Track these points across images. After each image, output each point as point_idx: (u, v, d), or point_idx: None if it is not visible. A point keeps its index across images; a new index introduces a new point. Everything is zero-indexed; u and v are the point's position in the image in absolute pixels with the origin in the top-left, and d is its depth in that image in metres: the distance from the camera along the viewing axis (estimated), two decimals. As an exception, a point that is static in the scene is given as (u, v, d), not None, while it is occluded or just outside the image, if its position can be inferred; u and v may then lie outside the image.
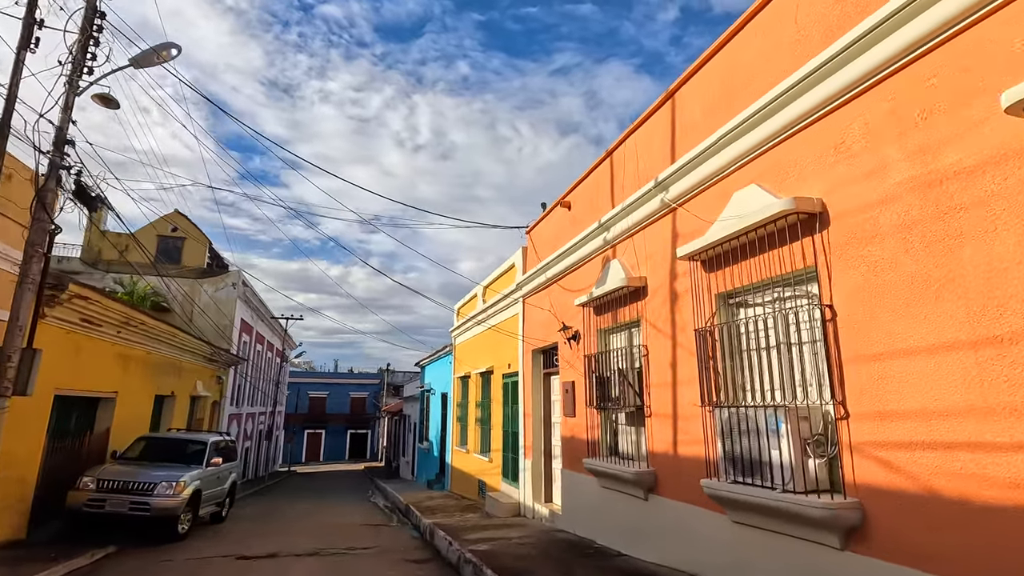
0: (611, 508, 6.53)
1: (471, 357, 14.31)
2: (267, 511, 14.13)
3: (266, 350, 30.60)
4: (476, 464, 12.99)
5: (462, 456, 14.44)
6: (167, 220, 23.13)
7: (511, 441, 10.73)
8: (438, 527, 8.85)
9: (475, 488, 12.89)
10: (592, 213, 7.59)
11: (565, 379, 8.15)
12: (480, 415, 13.14)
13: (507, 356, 11.12)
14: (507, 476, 10.81)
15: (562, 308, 8.43)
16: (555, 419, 9.24)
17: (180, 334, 14.13)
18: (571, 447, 7.84)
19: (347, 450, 51.05)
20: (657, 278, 5.95)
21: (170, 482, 9.21)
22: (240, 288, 22.71)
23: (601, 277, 7.06)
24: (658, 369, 5.82)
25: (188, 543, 9.12)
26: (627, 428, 6.59)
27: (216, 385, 20.06)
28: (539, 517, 8.93)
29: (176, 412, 15.75)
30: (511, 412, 10.86)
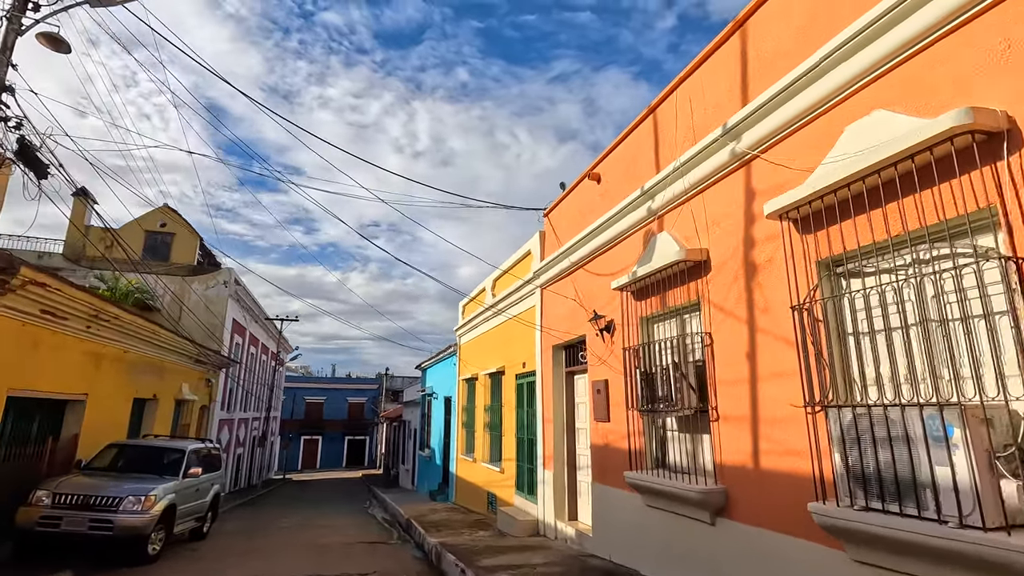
0: (662, 532, 5.36)
1: (478, 357, 13.14)
2: (254, 525, 12.90)
3: (260, 353, 29.38)
4: (484, 474, 11.80)
5: (468, 465, 13.24)
6: (155, 215, 21.99)
7: (526, 449, 9.56)
8: (446, 548, 7.67)
9: (483, 501, 11.69)
10: (630, 182, 6.47)
11: (595, 378, 7.00)
12: (489, 420, 11.96)
13: (521, 354, 9.97)
14: (522, 489, 9.62)
15: (590, 295, 7.30)
16: (580, 424, 8.08)
17: (161, 331, 12.96)
18: (604, 457, 6.68)
19: (344, 457, 49.68)
20: (725, 248, 4.81)
21: (138, 496, 8.02)
22: (232, 287, 21.54)
23: (644, 254, 5.92)
24: (728, 362, 4.67)
25: (158, 567, 7.92)
26: (681, 435, 5.43)
27: (205, 388, 18.85)
28: (563, 537, 7.74)
29: (159, 417, 14.54)
30: (526, 417, 9.70)
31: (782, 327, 4.07)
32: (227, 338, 21.55)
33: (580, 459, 7.99)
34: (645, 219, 6.06)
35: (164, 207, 22.23)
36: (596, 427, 6.93)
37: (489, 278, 12.59)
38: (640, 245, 6.18)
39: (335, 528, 12.03)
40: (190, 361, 16.42)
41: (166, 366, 14.66)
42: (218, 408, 20.96)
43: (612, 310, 6.67)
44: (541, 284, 9.07)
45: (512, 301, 10.52)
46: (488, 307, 12.14)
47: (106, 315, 10.31)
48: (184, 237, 22.32)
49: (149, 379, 13.59)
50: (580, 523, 7.73)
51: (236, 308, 22.58)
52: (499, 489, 10.75)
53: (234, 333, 22.85)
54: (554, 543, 7.68)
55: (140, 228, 21.18)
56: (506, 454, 10.55)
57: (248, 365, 26.72)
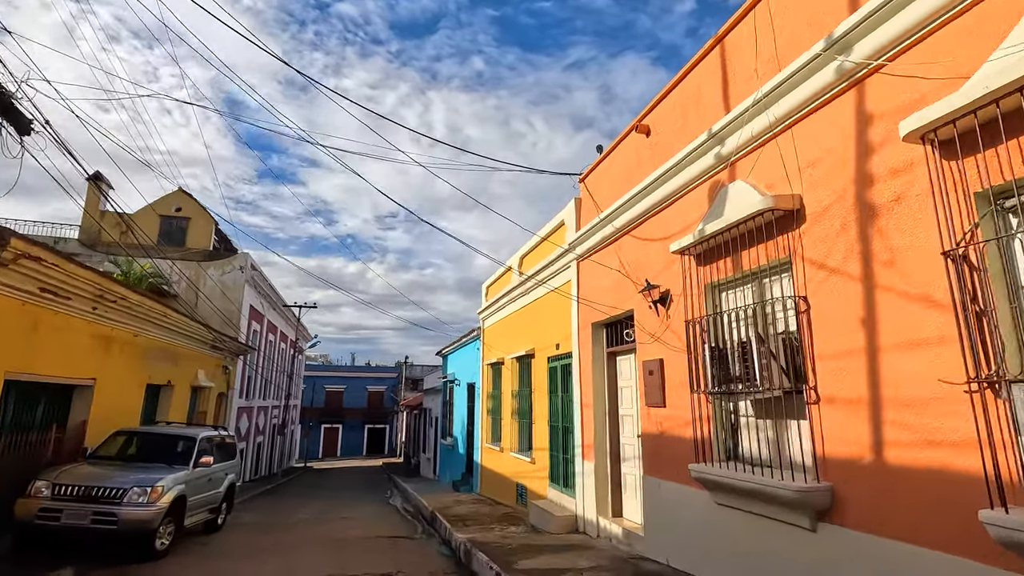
0: (737, 536, 4.52)
1: (504, 340, 12.36)
2: (272, 516, 12.36)
3: (279, 340, 29.03)
4: (513, 465, 11.06)
5: (494, 455, 12.51)
6: (170, 199, 21.55)
7: (561, 438, 8.76)
8: (477, 546, 6.93)
9: (512, 493, 10.95)
10: (689, 129, 5.56)
11: (646, 357, 6.14)
12: (517, 407, 11.19)
13: (554, 334, 9.14)
14: (556, 481, 8.84)
15: (639, 264, 6.43)
16: (624, 410, 7.24)
17: (173, 314, 12.39)
18: (659, 448, 5.84)
19: (364, 445, 49.64)
20: (825, 192, 3.90)
21: (144, 487, 7.41)
22: (248, 272, 21.04)
23: (712, 210, 5.02)
24: (833, 331, 3.78)
25: (167, 564, 7.32)
26: (760, 422, 4.57)
27: (222, 376, 18.40)
28: (607, 536, 6.95)
29: (174, 404, 14.07)
30: (561, 403, 8.89)
31: (917, 282, 3.17)
32: (244, 325, 21.11)
33: (625, 449, 7.16)
34: (712, 169, 5.15)
35: (179, 190, 21.80)
36: (648, 413, 6.09)
37: (515, 255, 11.76)
38: (705, 200, 5.28)
39: (356, 520, 11.42)
40: (206, 347, 15.93)
41: (180, 352, 14.16)
42: (236, 396, 20.57)
43: (668, 279, 5.79)
44: (577, 256, 8.21)
45: (543, 278, 9.68)
46: (515, 286, 11.32)
47: (111, 295, 9.73)
48: (199, 222, 21.87)
49: (163, 365, 13.08)
50: (626, 520, 6.92)
51: (253, 294, 22.11)
52: (530, 481, 9.99)
53: (251, 320, 22.42)
54: (597, 542, 6.88)
55: (155, 213, 20.75)
56: (537, 443, 9.77)
57: (266, 353, 26.37)
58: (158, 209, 20.99)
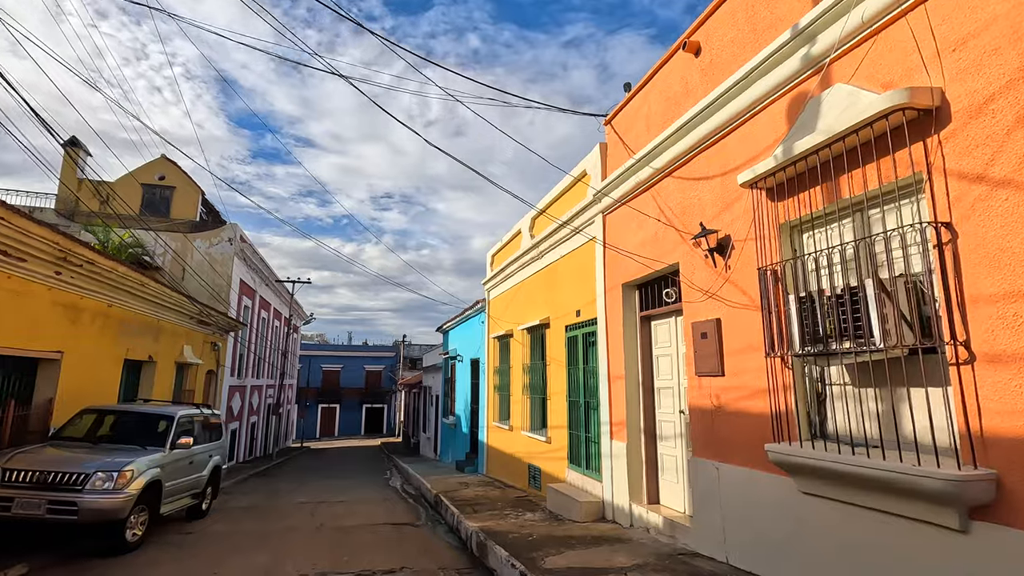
0: (840, 535, 3.60)
1: (513, 311, 11.38)
2: (264, 501, 11.50)
3: (272, 318, 28.00)
4: (525, 444, 10.17)
5: (503, 434, 11.63)
6: (153, 167, 20.27)
7: (582, 415, 7.84)
8: (492, 538, 6.03)
9: (523, 475, 10.09)
10: (759, 36, 4.50)
11: (698, 318, 5.17)
12: (529, 382, 10.26)
13: (574, 300, 8.16)
14: (577, 463, 7.94)
15: (687, 208, 5.42)
16: (662, 383, 6.30)
17: (151, 283, 11.34)
18: (715, 424, 4.90)
19: (363, 425, 49.05)
20: (984, 79, 2.88)
21: (110, 472, 6.47)
22: (237, 244, 19.91)
23: (796, 128, 3.98)
24: (995, 266, 2.79)
25: (138, 559, 6.41)
26: (864, 390, 3.61)
27: (211, 352, 17.42)
28: (642, 526, 6.05)
29: (158, 381, 13.10)
30: (582, 376, 7.94)
31: None
32: (234, 300, 20.08)
33: (663, 427, 6.23)
34: (794, 77, 4.10)
35: (162, 157, 20.53)
36: (698, 385, 5.13)
37: (526, 217, 10.71)
38: (782, 119, 4.24)
39: (354, 505, 10.56)
40: (191, 322, 14.91)
41: (163, 326, 13.14)
42: (228, 374, 19.62)
43: (728, 222, 4.79)
44: (604, 209, 7.19)
45: (561, 238, 8.66)
46: (526, 251, 10.29)
47: (76, 258, 8.66)
48: (185, 191, 20.65)
49: (143, 340, 12.08)
50: (665, 508, 6.02)
51: (243, 268, 21.02)
52: (545, 462, 9.10)
53: (242, 295, 21.37)
54: (632, 533, 5.99)
55: (136, 182, 19.50)
56: (553, 421, 8.86)
57: (259, 330, 25.38)
58: (140, 178, 19.72)
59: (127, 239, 15.64)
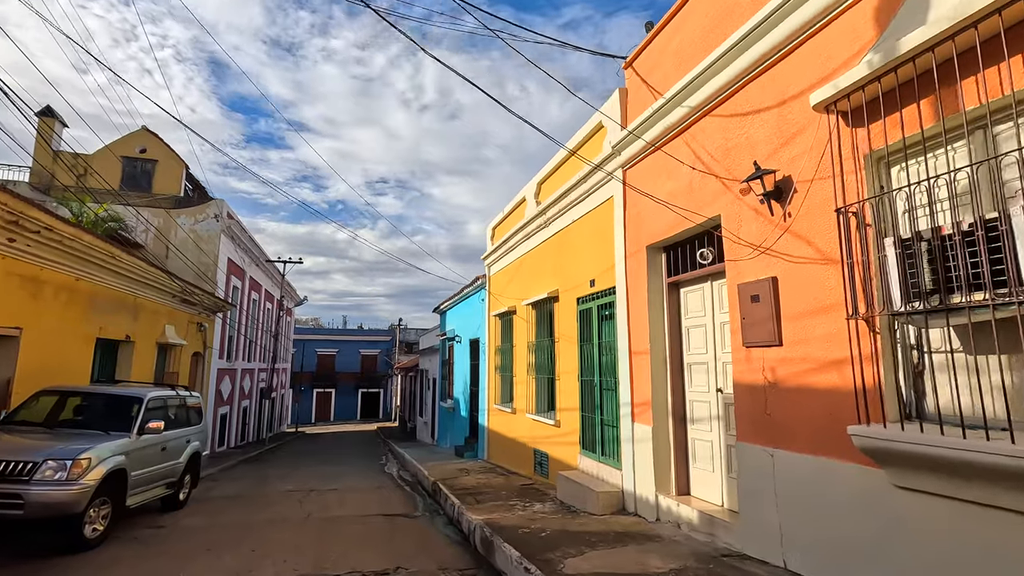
0: (945, 541, 2.83)
1: (517, 286, 10.57)
2: (251, 488, 10.75)
3: (264, 299, 27.12)
4: (530, 428, 9.42)
5: (505, 417, 10.88)
6: (133, 139, 19.20)
7: (598, 396, 7.07)
8: (499, 533, 5.28)
9: (529, 461, 9.35)
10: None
11: (747, 278, 4.36)
12: (535, 362, 9.47)
13: (587, 269, 7.34)
14: (591, 448, 7.19)
15: (732, 150, 4.58)
16: (693, 358, 5.51)
17: (123, 256, 10.45)
18: (768, 403, 4.11)
19: (358, 410, 48.43)
20: None
21: (62, 460, 5.66)
22: (224, 220, 18.95)
23: (897, 24, 3.13)
24: None
25: (97, 557, 5.65)
26: (986, 359, 2.81)
27: (197, 334, 16.57)
28: (671, 520, 5.30)
29: (137, 362, 12.27)
30: (596, 353, 7.15)
31: None
32: (222, 279, 19.17)
33: (694, 408, 5.46)
34: (890, -36, 3.24)
35: (143, 129, 19.46)
36: (747, 357, 4.34)
37: (531, 182, 9.84)
38: (866, 23, 3.39)
39: (346, 493, 9.82)
40: (173, 300, 14.04)
41: (141, 304, 12.27)
42: (216, 356, 18.79)
43: (789, 159, 3.95)
44: (624, 163, 6.33)
45: (572, 201, 7.81)
46: (532, 219, 9.44)
47: (32, 223, 7.78)
48: (168, 164, 19.60)
49: (118, 318, 11.22)
50: (697, 500, 5.26)
51: (230, 246, 20.09)
52: (553, 447, 8.35)
53: (231, 275, 20.46)
54: (661, 529, 5.24)
55: (115, 156, 18.43)
56: (563, 402, 8.09)
57: (250, 312, 24.52)
58: (119, 150, 18.67)
59: (102, 212, 14.68)
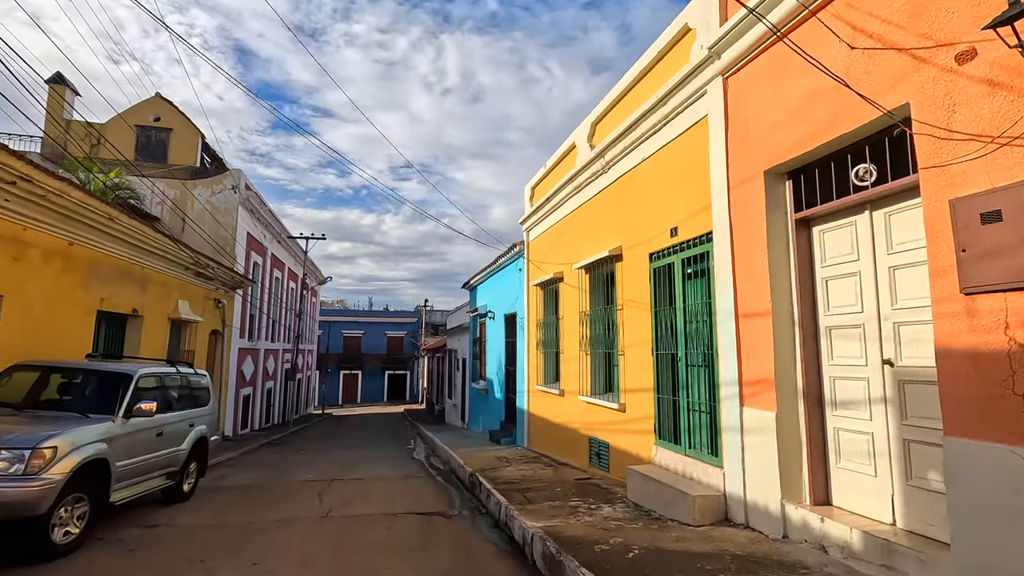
0: None
1: (564, 249, 9.15)
2: (268, 477, 9.69)
3: (287, 278, 26.24)
4: (583, 413, 8.07)
5: (550, 400, 9.55)
6: (147, 107, 18.24)
7: (682, 373, 5.65)
8: (567, 549, 3.95)
9: (582, 450, 8.02)
10: None
11: (965, 191, 2.86)
12: (590, 334, 8.07)
13: (666, 216, 5.88)
14: (672, 439, 5.79)
15: (919, 11, 3.06)
16: (833, 320, 4.04)
17: (123, 218, 9.35)
18: (1012, 379, 2.65)
19: (385, 392, 47.94)
20: None
21: (18, 451, 4.53)
22: (242, 192, 17.89)
23: None
24: None
25: (65, 567, 4.53)
26: None
27: (215, 310, 15.62)
28: (810, 538, 3.89)
29: (146, 338, 11.28)
30: (680, 319, 5.71)
31: None
32: (241, 255, 18.18)
33: (836, 387, 4.00)
34: None
35: (157, 96, 18.46)
36: (968, 309, 2.86)
37: (583, 124, 8.34)
38: None
39: (371, 483, 8.65)
40: (187, 273, 13.02)
41: (150, 275, 11.25)
42: (236, 335, 17.90)
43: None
44: (725, 69, 4.82)
45: (642, 135, 6.32)
46: (584, 166, 7.97)
47: (6, 172, 6.66)
48: (183, 133, 18.60)
49: (124, 289, 10.20)
50: (845, 513, 3.83)
51: (249, 220, 19.07)
52: (615, 435, 6.99)
53: (251, 251, 19.47)
54: (799, 552, 3.83)
55: (128, 124, 17.46)
56: (629, 382, 6.70)
57: (272, 290, 23.64)
58: (132, 119, 17.71)
59: (111, 180, 13.69)
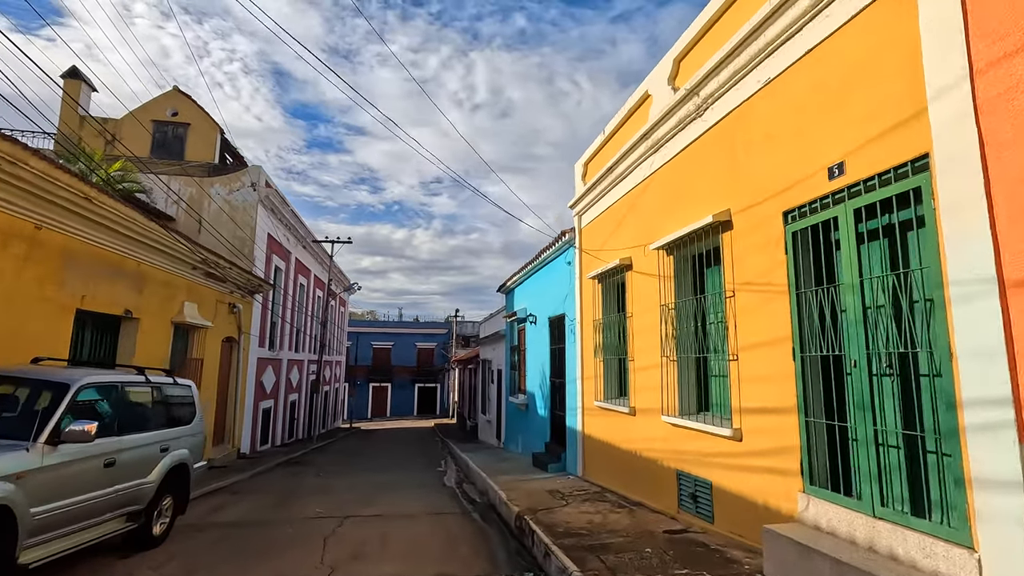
0: None
1: (631, 229, 7.29)
2: (270, 509, 8.03)
3: (313, 286, 24.97)
4: (667, 438, 6.12)
5: (615, 420, 7.63)
6: (163, 101, 17.25)
7: (854, 387, 3.70)
8: None
9: (666, 488, 6.06)
10: None
11: None
12: (676, 333, 6.13)
13: (815, 153, 3.98)
14: (831, 485, 3.82)
15: None
16: None
17: (106, 200, 7.94)
18: None
19: (415, 405, 46.40)
20: None
21: None
22: (262, 190, 16.63)
23: None
24: None
25: None
26: None
27: (229, 316, 14.22)
28: None
29: (143, 344, 9.84)
30: (850, 301, 3.78)
31: None
32: (261, 258, 16.87)
33: None
34: None
35: (174, 89, 17.47)
36: None
37: (663, 63, 6.50)
38: None
39: (393, 523, 6.87)
40: (194, 273, 11.63)
41: (147, 272, 9.85)
42: (255, 344, 16.52)
43: None
44: None
45: (767, 44, 4.46)
46: (664, 116, 6.12)
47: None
48: (201, 128, 17.52)
49: (113, 286, 8.79)
50: None
51: (270, 221, 17.79)
52: (723, 473, 5.03)
53: (272, 254, 18.17)
54: None
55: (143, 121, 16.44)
56: (748, 398, 4.75)
57: (297, 298, 22.36)
58: (149, 114, 16.72)
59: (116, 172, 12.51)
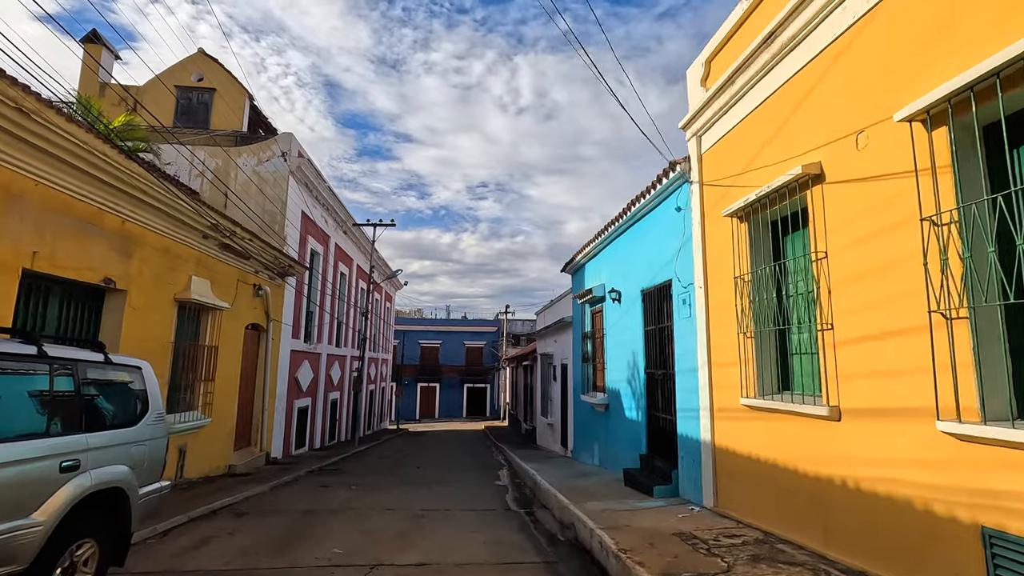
0: None
1: (817, 119, 4.54)
2: (269, 549, 5.68)
3: (355, 276, 23.05)
4: (945, 463, 3.35)
5: (788, 427, 4.87)
6: (189, 65, 15.63)
7: None
8: None
9: (947, 554, 3.29)
10: None
11: None
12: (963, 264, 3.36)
13: None
14: None
15: None
16: None
17: (56, 118, 5.85)
18: None
19: (464, 406, 44.32)
20: None
21: None
22: (293, 160, 14.67)
23: None
24: None
25: None
26: None
27: (253, 299, 12.22)
28: None
29: (132, 322, 7.78)
30: None
31: None
32: (293, 236, 14.88)
33: None
34: None
35: (200, 52, 15.82)
36: None
37: None
38: None
39: None
40: (205, 242, 9.61)
41: (141, 235, 7.84)
42: (288, 335, 14.56)
43: None
44: None
45: None
46: None
47: None
48: (228, 93, 15.77)
49: (82, 245, 6.76)
50: None
51: (303, 196, 15.82)
52: None
53: (307, 235, 16.19)
54: None
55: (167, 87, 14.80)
56: None
57: (338, 287, 20.45)
58: (172, 78, 15.11)
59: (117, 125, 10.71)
